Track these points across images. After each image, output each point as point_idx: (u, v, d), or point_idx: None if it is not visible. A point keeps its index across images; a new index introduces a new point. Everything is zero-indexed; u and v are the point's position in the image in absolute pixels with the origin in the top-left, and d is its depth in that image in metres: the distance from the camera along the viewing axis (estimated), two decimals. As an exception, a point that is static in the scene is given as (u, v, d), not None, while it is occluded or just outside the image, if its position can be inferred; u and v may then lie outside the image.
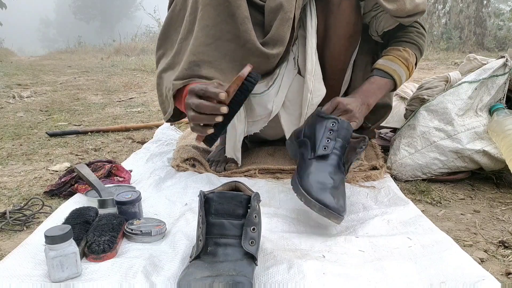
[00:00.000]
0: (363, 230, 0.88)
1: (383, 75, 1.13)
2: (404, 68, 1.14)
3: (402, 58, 1.14)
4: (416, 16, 1.13)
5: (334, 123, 0.97)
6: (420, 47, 1.20)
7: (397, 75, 1.13)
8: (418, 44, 1.19)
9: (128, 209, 0.90)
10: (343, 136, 0.96)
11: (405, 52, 1.15)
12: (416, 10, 1.10)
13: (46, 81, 3.80)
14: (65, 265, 0.69)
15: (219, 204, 0.71)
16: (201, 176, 1.21)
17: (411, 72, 1.17)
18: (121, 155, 1.52)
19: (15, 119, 2.20)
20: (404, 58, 1.14)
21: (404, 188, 1.17)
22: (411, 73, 1.17)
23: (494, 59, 1.25)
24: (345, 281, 0.68)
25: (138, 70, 4.59)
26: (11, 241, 0.89)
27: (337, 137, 0.95)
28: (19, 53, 10.36)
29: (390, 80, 1.13)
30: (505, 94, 1.21)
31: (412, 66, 1.16)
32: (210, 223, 0.71)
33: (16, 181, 1.25)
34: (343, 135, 0.96)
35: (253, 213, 0.71)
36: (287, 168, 1.24)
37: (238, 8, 1.00)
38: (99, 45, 10.19)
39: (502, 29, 6.44)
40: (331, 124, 0.97)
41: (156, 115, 2.29)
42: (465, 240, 0.87)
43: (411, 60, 1.16)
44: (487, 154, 1.16)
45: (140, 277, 0.69)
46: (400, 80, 1.14)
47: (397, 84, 1.15)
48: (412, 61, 1.16)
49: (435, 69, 4.09)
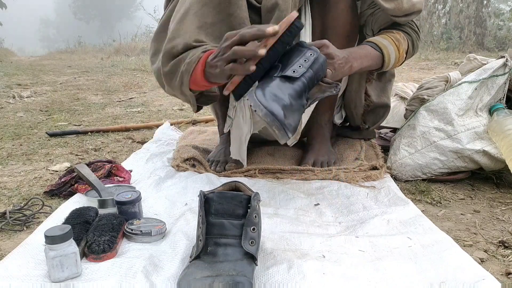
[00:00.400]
0: (363, 230, 0.88)
1: (373, 46, 1.10)
2: (394, 47, 1.11)
3: (393, 38, 1.12)
4: (413, 15, 1.13)
5: (312, 54, 0.91)
6: (413, 40, 1.18)
7: (387, 51, 1.10)
8: (411, 35, 1.17)
9: (128, 209, 0.90)
10: (316, 69, 0.90)
11: (397, 34, 1.13)
12: (413, 9, 1.10)
13: (46, 81, 3.80)
14: (65, 265, 0.69)
15: (219, 204, 0.71)
16: (201, 176, 1.21)
17: (400, 55, 1.13)
18: (121, 155, 1.52)
19: (15, 119, 2.20)
20: (396, 39, 1.12)
21: (404, 188, 1.17)
22: (401, 56, 1.14)
23: (494, 59, 1.25)
24: (345, 281, 0.68)
25: (138, 70, 4.59)
26: (11, 241, 0.89)
27: (310, 68, 0.89)
28: (19, 53, 10.36)
29: (379, 53, 1.10)
30: (505, 94, 1.21)
31: (403, 49, 1.13)
32: (210, 223, 0.71)
33: (16, 181, 1.25)
34: (316, 69, 0.90)
35: (253, 213, 0.71)
36: (287, 168, 1.24)
37: (239, 8, 1.00)
38: (99, 45, 10.19)
39: (502, 29, 6.44)
40: (309, 54, 0.91)
41: (156, 115, 2.29)
42: (465, 240, 0.87)
43: (403, 43, 1.13)
44: (487, 154, 1.16)
45: (140, 277, 0.69)
46: (388, 57, 1.11)
47: (385, 60, 1.11)
48: (403, 45, 1.13)
49: (435, 69, 4.09)
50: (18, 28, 30.61)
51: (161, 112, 2.40)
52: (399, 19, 1.13)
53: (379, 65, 1.12)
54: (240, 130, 1.20)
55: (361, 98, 1.31)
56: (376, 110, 1.36)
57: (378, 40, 1.11)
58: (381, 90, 1.34)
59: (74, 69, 4.92)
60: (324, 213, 0.99)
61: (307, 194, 1.09)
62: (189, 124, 2.02)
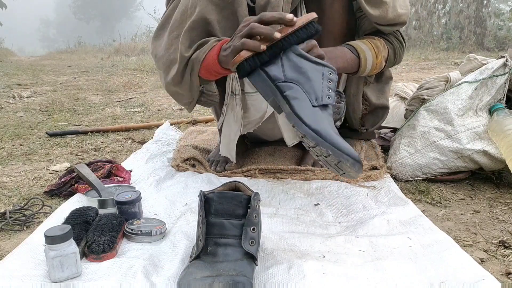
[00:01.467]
0: (363, 230, 0.88)
1: (351, 49, 1.08)
2: (373, 53, 1.09)
3: (373, 44, 1.10)
4: (397, 26, 1.12)
5: (331, 72, 0.88)
6: (395, 49, 1.15)
7: (364, 56, 1.08)
8: (394, 46, 1.15)
9: (128, 209, 0.90)
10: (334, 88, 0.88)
11: (378, 41, 1.11)
12: (397, 20, 1.09)
13: (46, 81, 3.80)
14: (65, 265, 0.69)
15: (219, 204, 0.71)
16: (201, 176, 1.21)
17: (378, 62, 1.11)
18: (121, 155, 1.52)
19: (15, 119, 2.20)
20: (376, 45, 1.10)
21: (404, 188, 1.17)
22: (379, 63, 1.11)
23: (494, 59, 1.25)
24: (345, 281, 0.68)
25: (138, 70, 4.59)
26: (11, 241, 0.89)
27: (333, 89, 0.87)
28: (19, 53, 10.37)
29: (356, 57, 1.07)
30: (505, 94, 1.21)
31: (382, 57, 1.11)
32: (210, 223, 0.71)
33: (16, 181, 1.25)
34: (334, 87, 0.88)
35: (253, 213, 0.71)
36: (287, 168, 1.24)
37: (240, 6, 1.01)
38: (99, 45, 10.19)
39: (502, 29, 6.44)
40: (329, 74, 0.88)
41: (156, 115, 2.29)
42: (465, 240, 0.87)
43: (382, 51, 1.11)
44: (487, 154, 1.16)
45: (140, 277, 0.69)
46: (365, 62, 1.08)
47: (361, 64, 1.08)
48: (383, 52, 1.11)
49: (435, 69, 4.09)
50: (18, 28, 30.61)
51: (161, 112, 2.40)
52: (383, 28, 1.12)
53: (354, 69, 1.10)
54: (230, 128, 1.20)
55: (359, 101, 1.30)
56: (375, 112, 1.35)
57: (357, 44, 1.09)
58: (379, 91, 1.34)
59: (74, 69, 4.92)
60: (324, 213, 0.99)
61: (307, 194, 1.09)
62: (189, 124, 2.03)
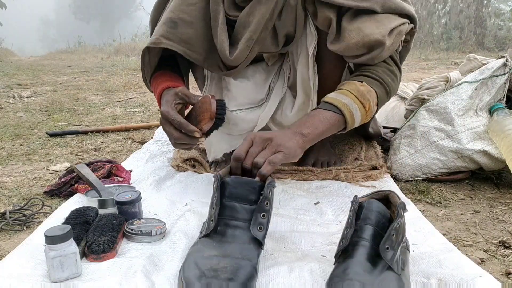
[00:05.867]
0: (363, 230, 0.88)
1: (328, 108, 0.95)
2: (357, 103, 0.95)
3: (356, 93, 0.96)
4: (374, 51, 0.98)
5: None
6: (386, 85, 1.01)
7: (348, 111, 0.94)
8: (384, 81, 1.01)
9: (128, 209, 0.90)
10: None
11: (362, 87, 0.97)
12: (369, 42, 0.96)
13: (46, 81, 3.80)
14: (65, 265, 0.69)
15: (234, 188, 0.74)
16: (201, 176, 1.21)
17: (368, 111, 0.98)
18: (121, 155, 1.52)
19: (15, 119, 2.20)
20: (359, 93, 0.96)
21: (404, 188, 1.17)
22: (368, 112, 0.98)
23: (494, 59, 1.25)
24: (345, 281, 0.68)
25: (138, 70, 4.58)
26: (11, 241, 0.89)
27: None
28: (19, 53, 10.35)
29: (337, 114, 0.94)
30: (505, 94, 1.21)
31: (370, 103, 0.97)
32: (223, 205, 0.74)
33: (16, 181, 1.25)
34: None
35: (265, 200, 0.74)
36: (287, 168, 1.24)
37: None
38: (99, 45, 10.18)
39: (502, 29, 6.43)
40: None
41: (156, 115, 2.29)
42: (465, 240, 0.87)
43: (369, 97, 0.97)
44: (487, 154, 1.16)
45: (140, 277, 0.69)
46: (351, 115, 0.95)
47: (347, 121, 0.95)
48: (370, 99, 0.97)
49: (435, 69, 4.09)
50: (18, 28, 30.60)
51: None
52: (359, 60, 1.01)
53: (341, 127, 0.97)
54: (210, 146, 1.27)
55: None
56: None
57: (337, 99, 0.96)
58: None
59: (74, 69, 4.92)
60: (325, 211, 0.99)
61: (307, 193, 1.09)
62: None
